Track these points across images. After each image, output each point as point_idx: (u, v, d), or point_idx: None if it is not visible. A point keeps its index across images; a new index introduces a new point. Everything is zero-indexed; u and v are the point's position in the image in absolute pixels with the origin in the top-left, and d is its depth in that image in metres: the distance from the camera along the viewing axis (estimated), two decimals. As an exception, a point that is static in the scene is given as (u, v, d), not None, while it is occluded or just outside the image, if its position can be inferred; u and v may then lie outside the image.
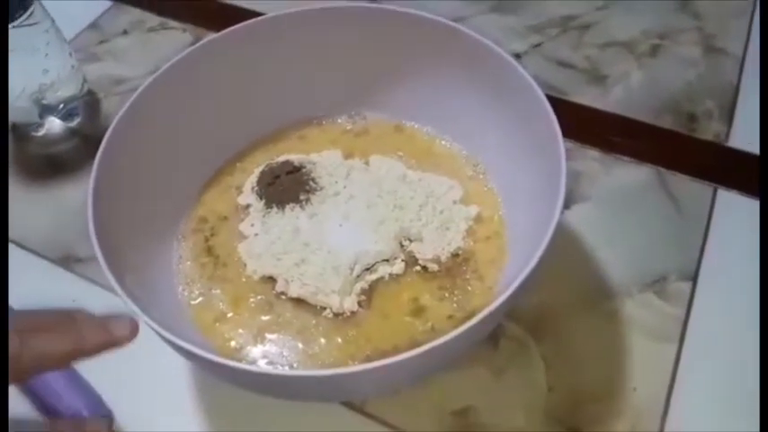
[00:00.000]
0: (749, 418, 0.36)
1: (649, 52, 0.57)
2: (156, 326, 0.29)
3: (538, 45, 0.58)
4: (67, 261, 0.46)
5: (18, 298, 0.42)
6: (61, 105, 0.52)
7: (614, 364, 0.39)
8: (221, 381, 0.33)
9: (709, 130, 0.50)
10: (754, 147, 0.49)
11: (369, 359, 0.36)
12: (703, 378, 0.39)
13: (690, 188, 0.47)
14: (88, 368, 0.39)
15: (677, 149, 0.50)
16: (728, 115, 0.51)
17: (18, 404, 0.39)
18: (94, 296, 0.43)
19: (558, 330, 0.41)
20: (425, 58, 0.43)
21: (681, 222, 0.45)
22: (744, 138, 0.50)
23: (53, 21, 0.49)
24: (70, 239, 0.47)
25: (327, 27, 0.44)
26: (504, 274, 0.39)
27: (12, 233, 0.47)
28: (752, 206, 0.46)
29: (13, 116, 0.53)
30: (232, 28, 0.42)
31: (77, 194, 0.49)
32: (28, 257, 0.46)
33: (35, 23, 0.47)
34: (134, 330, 0.32)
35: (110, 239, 0.33)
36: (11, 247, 0.47)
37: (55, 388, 0.38)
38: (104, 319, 0.32)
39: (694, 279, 0.43)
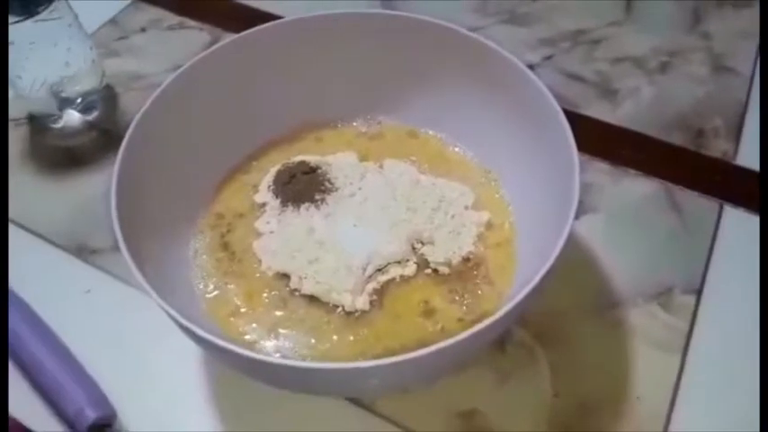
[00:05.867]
0: (750, 429, 0.37)
1: (659, 69, 0.57)
2: (176, 315, 0.30)
3: (549, 57, 0.59)
4: (82, 251, 0.46)
5: (33, 287, 0.43)
6: (80, 98, 0.53)
7: (619, 373, 0.40)
8: (236, 371, 0.33)
9: (716, 148, 0.51)
10: (760, 165, 0.50)
11: (379, 357, 0.36)
12: (706, 389, 0.39)
13: (696, 203, 0.48)
14: (93, 366, 0.40)
15: (685, 165, 0.50)
16: (736, 133, 0.52)
17: (26, 396, 0.39)
18: (108, 286, 0.44)
19: (564, 337, 0.41)
20: (442, 67, 0.44)
21: (687, 237, 0.46)
22: (751, 156, 0.50)
23: (76, 16, 0.50)
24: (85, 230, 0.47)
25: (346, 32, 0.44)
26: (514, 281, 0.39)
27: (28, 223, 0.48)
28: (757, 224, 0.46)
29: (32, 107, 0.53)
30: (253, 29, 0.43)
31: (93, 186, 0.50)
32: (44, 247, 0.47)
33: (59, 18, 0.48)
34: None
35: (131, 231, 0.34)
36: (27, 236, 0.47)
37: (60, 382, 0.38)
38: None
39: (699, 293, 0.43)
